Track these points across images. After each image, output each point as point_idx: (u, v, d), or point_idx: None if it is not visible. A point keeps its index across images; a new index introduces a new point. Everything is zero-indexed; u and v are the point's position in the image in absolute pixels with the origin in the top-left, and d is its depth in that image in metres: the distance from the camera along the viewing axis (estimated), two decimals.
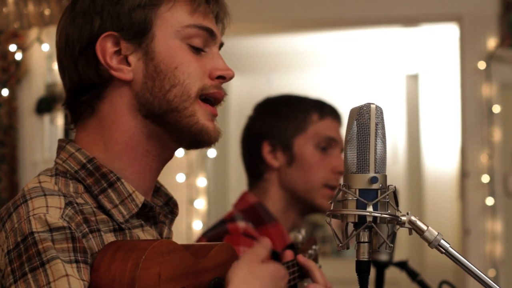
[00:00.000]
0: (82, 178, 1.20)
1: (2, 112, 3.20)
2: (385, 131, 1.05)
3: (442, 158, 5.55)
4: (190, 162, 4.00)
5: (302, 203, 2.08)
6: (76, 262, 1.08)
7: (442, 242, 1.06)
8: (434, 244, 1.05)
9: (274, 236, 1.95)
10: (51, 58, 3.32)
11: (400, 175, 5.61)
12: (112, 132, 1.24)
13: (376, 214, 1.02)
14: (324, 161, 2.08)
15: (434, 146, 5.60)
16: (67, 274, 1.05)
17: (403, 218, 1.05)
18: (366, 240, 1.04)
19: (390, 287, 2.48)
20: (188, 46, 1.25)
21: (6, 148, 3.21)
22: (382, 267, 2.03)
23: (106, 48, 1.22)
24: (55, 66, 3.32)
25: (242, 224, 1.94)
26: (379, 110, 1.05)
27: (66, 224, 1.09)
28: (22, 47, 3.18)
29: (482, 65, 3.85)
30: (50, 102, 3.31)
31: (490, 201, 3.80)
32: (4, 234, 1.10)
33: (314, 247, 1.59)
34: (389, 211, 1.04)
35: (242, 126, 2.19)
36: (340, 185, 1.05)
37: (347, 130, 1.05)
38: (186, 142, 1.28)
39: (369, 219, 1.02)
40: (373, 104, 1.05)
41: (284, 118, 2.09)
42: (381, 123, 1.05)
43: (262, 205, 2.03)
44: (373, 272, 2.01)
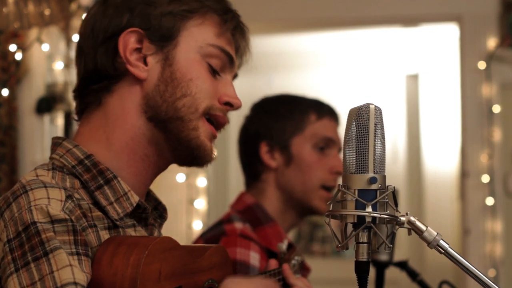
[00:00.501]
0: (79, 173, 1.21)
1: (2, 112, 3.20)
2: (384, 132, 1.05)
3: (442, 158, 5.55)
4: None
5: (299, 205, 2.06)
6: (77, 254, 1.08)
7: (441, 242, 1.06)
8: (433, 244, 1.06)
9: (271, 236, 1.94)
10: (51, 58, 3.32)
11: (400, 175, 5.61)
12: (115, 128, 1.25)
13: (375, 215, 1.02)
14: (322, 161, 2.07)
15: (434, 146, 5.60)
16: (71, 264, 1.06)
17: (402, 219, 1.05)
18: (365, 240, 1.04)
19: (390, 287, 2.48)
20: (207, 64, 1.28)
21: (6, 148, 3.21)
22: (382, 267, 2.03)
23: (129, 42, 1.24)
24: (55, 66, 3.33)
25: (239, 225, 1.93)
26: (378, 111, 1.05)
27: (67, 216, 1.10)
28: (22, 47, 3.18)
29: (482, 65, 3.85)
30: (50, 102, 3.31)
31: (490, 201, 3.80)
32: (2, 224, 1.10)
33: (297, 257, 1.61)
34: (388, 212, 1.04)
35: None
36: (339, 185, 1.05)
37: (346, 130, 1.06)
38: (182, 156, 1.29)
39: (368, 220, 1.02)
40: (372, 104, 1.05)
41: (282, 118, 2.08)
42: (380, 124, 1.05)
43: (260, 205, 2.02)
44: (373, 272, 2.01)
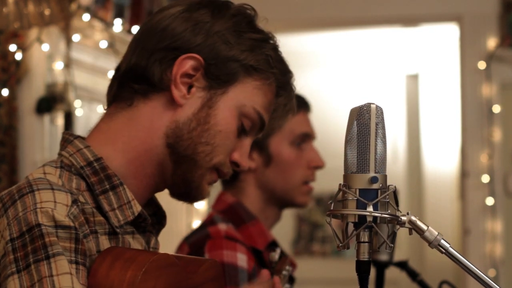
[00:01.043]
0: (87, 175, 1.20)
1: (2, 112, 3.20)
2: (385, 131, 1.05)
3: (442, 158, 5.55)
4: None
5: (281, 202, 2.04)
6: (76, 263, 1.08)
7: (442, 242, 1.05)
8: (434, 244, 1.05)
9: (255, 234, 1.92)
10: (51, 58, 3.32)
11: (400, 175, 5.61)
12: (136, 137, 1.24)
13: (376, 214, 1.02)
14: (300, 158, 2.04)
15: (434, 146, 5.60)
16: (71, 273, 1.05)
17: (403, 218, 1.05)
18: (366, 240, 1.04)
19: (390, 287, 2.48)
20: (240, 122, 1.26)
21: (6, 148, 3.21)
22: (382, 267, 2.03)
23: (185, 65, 1.22)
24: (55, 66, 3.32)
25: (223, 226, 1.90)
26: (379, 110, 1.05)
27: (72, 223, 1.09)
28: (22, 47, 3.17)
29: (482, 65, 3.85)
30: (50, 102, 3.30)
31: (490, 201, 3.80)
32: (5, 221, 1.09)
33: (288, 268, 1.61)
34: (389, 211, 1.04)
35: None
36: (340, 184, 1.05)
37: (347, 130, 1.05)
38: (177, 190, 1.29)
39: (369, 219, 1.02)
40: (373, 104, 1.05)
41: None
42: (381, 123, 1.05)
43: (241, 204, 1.99)
44: (373, 272, 2.01)
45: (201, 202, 4.07)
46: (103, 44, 3.34)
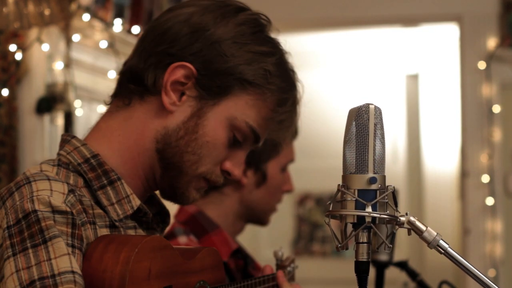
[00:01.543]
0: (84, 172, 1.21)
1: (2, 112, 3.20)
2: (384, 132, 1.05)
3: (442, 158, 5.55)
4: None
5: (253, 218, 2.05)
6: (72, 247, 1.09)
7: (441, 242, 1.06)
8: (433, 244, 1.06)
9: (218, 244, 1.90)
10: (51, 58, 3.32)
11: (400, 175, 5.60)
12: (130, 136, 1.25)
13: (375, 215, 1.02)
14: (284, 183, 2.07)
15: (434, 146, 5.60)
16: (69, 253, 1.07)
17: (402, 219, 1.05)
18: (365, 240, 1.04)
19: (390, 287, 2.48)
20: (231, 134, 1.25)
21: (6, 148, 3.21)
22: (382, 267, 2.03)
23: (177, 73, 1.22)
24: (55, 66, 3.32)
25: (183, 239, 1.88)
26: (378, 111, 1.05)
27: (68, 209, 1.11)
28: (22, 47, 3.17)
29: (482, 65, 3.85)
30: (50, 102, 3.30)
31: (490, 201, 3.80)
32: (3, 211, 1.11)
33: (292, 265, 1.61)
34: (388, 212, 1.04)
35: None
36: (339, 185, 1.05)
37: (346, 130, 1.06)
38: (165, 194, 1.30)
39: (368, 220, 1.02)
40: (372, 104, 1.05)
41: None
42: (380, 124, 1.05)
43: (202, 213, 1.96)
44: (373, 272, 2.01)
45: None
46: (103, 44, 3.34)
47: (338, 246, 1.05)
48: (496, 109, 3.84)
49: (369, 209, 1.02)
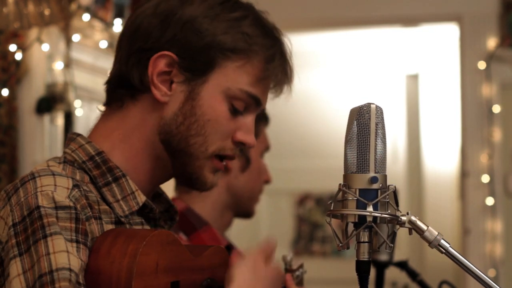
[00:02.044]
0: (89, 169, 1.22)
1: (2, 112, 3.20)
2: (385, 131, 1.05)
3: (442, 158, 5.55)
4: None
5: (240, 208, 2.05)
6: (76, 242, 1.09)
7: (442, 242, 1.06)
8: (434, 244, 1.06)
9: (207, 241, 1.90)
10: (51, 58, 3.32)
11: (400, 175, 5.61)
12: (132, 135, 1.25)
13: (376, 214, 1.02)
14: (265, 170, 2.08)
15: (434, 146, 5.60)
16: (68, 251, 1.07)
17: (403, 218, 1.05)
18: (366, 240, 1.04)
19: (390, 287, 2.48)
20: (230, 105, 1.25)
21: (6, 148, 3.21)
22: (382, 267, 2.04)
23: (159, 64, 1.22)
24: (55, 66, 3.32)
25: None
26: (379, 110, 1.05)
27: (72, 204, 1.11)
28: (22, 47, 3.17)
29: (482, 65, 3.85)
30: (50, 102, 3.30)
31: (490, 201, 3.80)
32: (8, 208, 1.11)
33: (301, 270, 1.61)
34: (389, 211, 1.04)
35: None
36: (340, 184, 1.05)
37: (347, 130, 1.05)
38: (182, 180, 1.30)
39: (369, 219, 1.02)
40: (373, 104, 1.05)
41: None
42: (381, 123, 1.05)
43: (191, 210, 1.96)
44: (373, 272, 2.01)
45: None
46: (103, 44, 3.34)
47: (339, 246, 1.05)
48: (496, 109, 3.84)
49: (370, 208, 1.02)
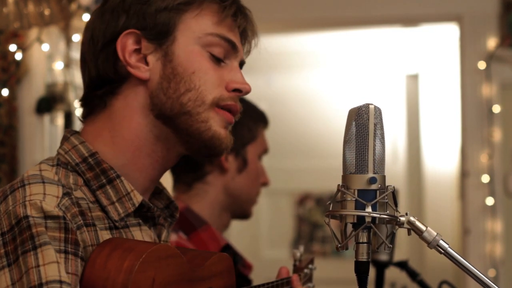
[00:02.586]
0: (82, 172, 1.21)
1: (2, 112, 3.20)
2: (384, 132, 1.05)
3: (442, 158, 5.55)
4: None
5: (237, 210, 2.06)
6: (65, 252, 1.08)
7: (441, 242, 1.06)
8: (433, 244, 1.06)
9: (207, 240, 1.91)
10: (51, 58, 3.32)
11: (400, 175, 5.60)
12: (121, 127, 1.24)
13: (375, 215, 1.02)
14: (262, 172, 2.10)
15: (434, 146, 5.59)
16: (58, 262, 1.05)
17: (402, 219, 1.05)
18: (365, 240, 1.04)
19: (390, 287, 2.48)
20: (208, 54, 1.26)
21: (6, 148, 3.21)
22: (382, 267, 2.04)
23: (127, 45, 1.24)
24: (55, 66, 3.33)
25: (173, 237, 1.89)
26: (378, 111, 1.05)
27: (61, 213, 1.09)
28: (22, 47, 3.18)
29: (482, 65, 3.85)
30: (50, 102, 3.31)
31: (490, 201, 3.80)
32: None
33: (310, 266, 1.59)
34: (388, 212, 1.04)
35: None
36: (339, 185, 1.05)
37: (346, 130, 1.06)
38: (195, 148, 1.28)
39: (368, 220, 1.02)
40: (371, 104, 1.05)
41: (239, 124, 2.05)
42: (380, 124, 1.05)
43: (190, 209, 1.97)
44: (373, 272, 2.01)
45: None
46: None
47: (338, 246, 1.05)
48: (496, 109, 3.84)
49: (369, 209, 1.02)
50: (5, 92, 3.14)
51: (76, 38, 3.22)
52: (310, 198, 5.89)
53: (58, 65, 3.28)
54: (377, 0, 3.98)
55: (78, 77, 3.28)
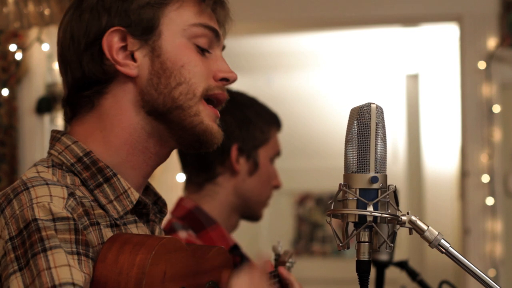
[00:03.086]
0: (78, 172, 1.20)
1: (2, 112, 3.20)
2: (385, 131, 1.05)
3: (442, 158, 5.55)
4: None
5: (247, 212, 2.06)
6: (77, 254, 1.07)
7: (443, 242, 1.06)
8: (434, 244, 1.06)
9: (216, 239, 1.91)
10: (51, 58, 3.32)
11: (400, 175, 5.61)
12: (112, 127, 1.24)
13: (376, 214, 1.02)
14: (274, 175, 2.09)
15: (434, 146, 5.60)
16: (69, 265, 1.04)
17: (404, 218, 1.05)
18: (367, 239, 1.04)
19: (390, 287, 2.48)
20: (194, 45, 1.26)
21: (6, 148, 3.21)
22: (382, 267, 2.04)
23: (113, 43, 1.23)
24: (55, 66, 3.32)
25: (183, 234, 1.89)
26: (380, 110, 1.05)
27: (70, 215, 1.09)
28: (22, 47, 3.18)
29: (482, 65, 3.84)
30: (50, 102, 3.31)
31: (490, 201, 3.80)
32: (3, 221, 1.09)
33: (291, 260, 1.61)
34: (389, 211, 1.04)
35: None
36: (340, 184, 1.05)
37: (348, 129, 1.06)
38: (188, 142, 1.28)
39: (369, 219, 1.02)
40: (373, 103, 1.05)
41: (252, 126, 2.04)
42: (381, 123, 1.05)
43: (200, 209, 1.97)
44: (373, 272, 2.01)
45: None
46: None
47: (340, 245, 1.05)
48: (496, 109, 3.84)
49: (370, 208, 1.02)
50: (5, 92, 3.14)
51: None
52: (310, 198, 5.89)
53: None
54: (377, 0, 3.98)
55: None
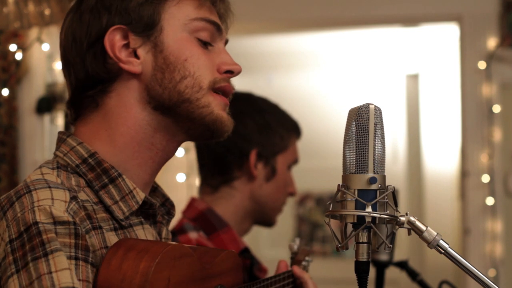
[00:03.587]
0: (83, 173, 1.20)
1: (2, 112, 3.20)
2: (384, 132, 1.05)
3: (442, 158, 5.55)
4: (190, 162, 4.00)
5: (262, 217, 2.06)
6: (76, 259, 1.07)
7: (441, 242, 1.06)
8: (433, 244, 1.06)
9: (227, 242, 1.91)
10: (51, 58, 3.32)
11: (400, 175, 5.60)
12: (118, 125, 1.24)
13: (375, 215, 1.02)
14: (291, 183, 2.09)
15: (434, 146, 5.60)
16: (70, 269, 1.04)
17: (402, 219, 1.05)
18: (365, 240, 1.04)
19: (390, 287, 2.48)
20: (196, 39, 1.26)
21: (6, 148, 3.21)
22: (382, 267, 2.04)
23: (115, 41, 1.23)
24: (55, 66, 3.33)
25: (193, 235, 1.89)
26: (378, 111, 1.05)
27: (71, 219, 1.09)
28: (22, 47, 3.18)
29: (482, 65, 3.85)
30: (50, 102, 3.31)
31: (490, 201, 3.80)
32: (5, 223, 1.09)
33: (307, 259, 1.60)
34: (388, 212, 1.04)
35: None
36: (339, 185, 1.05)
37: (346, 130, 1.06)
38: (198, 133, 1.28)
39: (368, 220, 1.02)
40: (372, 104, 1.05)
41: (272, 132, 2.04)
42: (380, 124, 1.05)
43: (212, 211, 1.97)
44: (373, 272, 2.01)
45: None
46: None
47: (338, 246, 1.05)
48: (496, 109, 3.84)
49: (369, 209, 1.02)
50: (5, 92, 3.14)
51: None
52: (310, 198, 5.89)
53: (58, 65, 3.28)
54: (377, 0, 3.98)
55: None
